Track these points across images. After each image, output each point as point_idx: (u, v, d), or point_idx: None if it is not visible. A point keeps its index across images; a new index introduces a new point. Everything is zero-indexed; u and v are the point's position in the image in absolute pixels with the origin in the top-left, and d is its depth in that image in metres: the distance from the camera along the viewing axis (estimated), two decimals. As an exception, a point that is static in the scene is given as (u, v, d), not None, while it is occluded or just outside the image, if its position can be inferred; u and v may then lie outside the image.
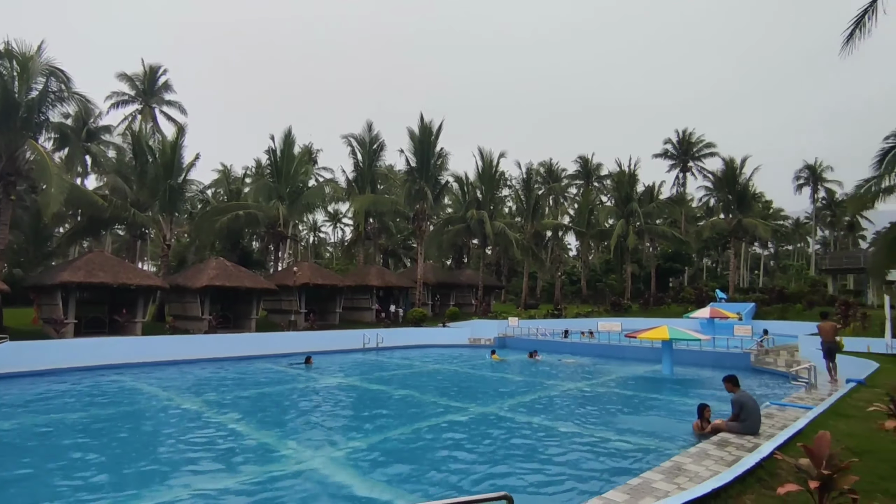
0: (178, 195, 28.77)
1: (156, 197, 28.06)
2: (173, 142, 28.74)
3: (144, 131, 32.23)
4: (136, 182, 28.57)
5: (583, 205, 52.82)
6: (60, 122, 24.95)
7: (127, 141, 29.12)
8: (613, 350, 24.67)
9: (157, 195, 27.96)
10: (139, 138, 28.53)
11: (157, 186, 27.79)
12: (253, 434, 10.15)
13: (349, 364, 21.37)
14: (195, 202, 36.61)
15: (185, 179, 29.39)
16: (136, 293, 23.76)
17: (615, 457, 8.78)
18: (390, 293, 38.52)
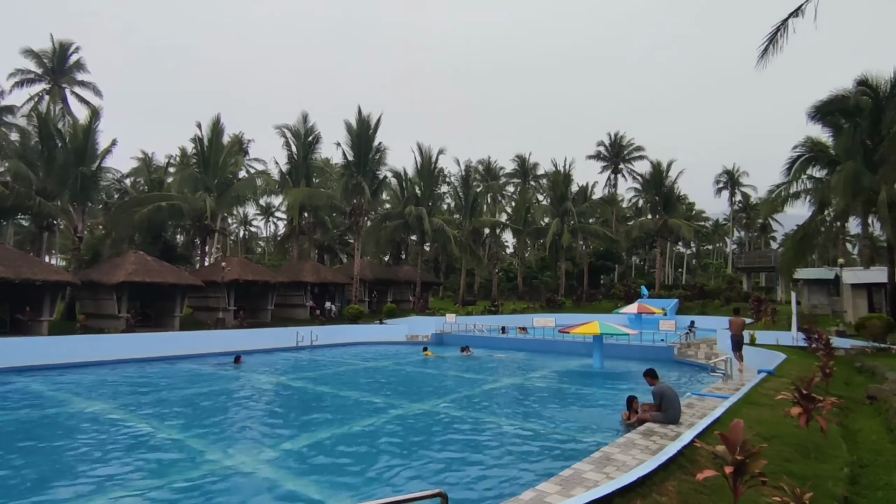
0: (91, 184, 26.52)
1: (65, 185, 25.73)
2: (86, 126, 26.49)
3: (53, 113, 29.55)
4: (43, 168, 26.10)
5: (520, 203, 53.94)
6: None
7: (32, 123, 26.53)
8: (548, 345, 25.27)
9: (66, 183, 25.64)
10: (46, 120, 26.03)
11: (66, 174, 25.49)
12: (177, 438, 9.50)
13: (282, 363, 20.61)
14: (111, 192, 33.98)
15: (100, 167, 27.16)
16: (41, 290, 21.73)
17: (548, 449, 8.92)
18: (326, 289, 37.60)
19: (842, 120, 26.88)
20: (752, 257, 50.43)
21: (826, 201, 27.08)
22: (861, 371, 14.79)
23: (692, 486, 5.63)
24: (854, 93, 25.71)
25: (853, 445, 8.14)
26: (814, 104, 26.73)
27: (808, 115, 27.01)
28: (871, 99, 24.93)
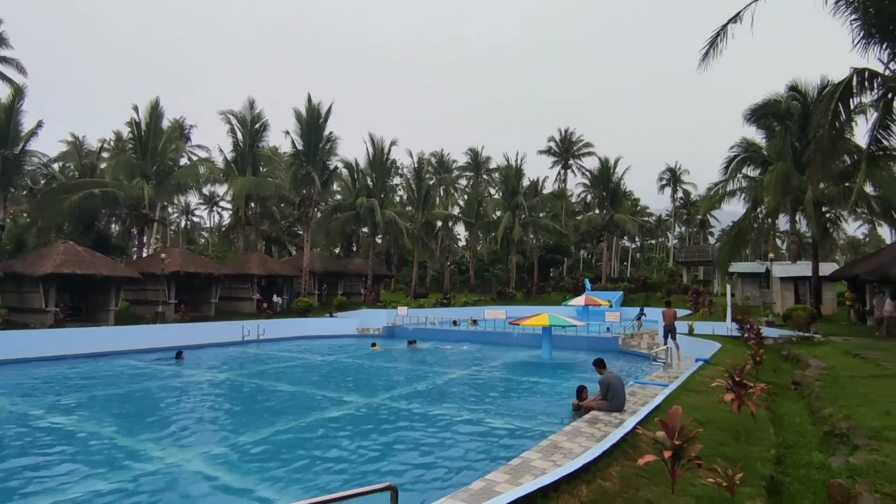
0: (13, 167, 24.62)
1: (-15, 169, 23.84)
2: (8, 105, 24.50)
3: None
4: (-41, 150, 24.05)
5: (472, 196, 54.31)
6: None
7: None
8: (498, 337, 25.61)
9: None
10: (-39, 98, 23.96)
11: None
12: (113, 437, 9.00)
13: (227, 358, 19.90)
14: (37, 177, 31.60)
15: (24, 150, 25.21)
16: (-44, 282, 20.05)
17: (498, 439, 9.04)
18: (273, 282, 36.57)
19: (774, 123, 28.54)
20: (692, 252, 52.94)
21: (759, 199, 28.73)
22: (787, 359, 15.81)
23: (634, 471, 5.83)
24: (785, 97, 27.34)
25: (779, 428, 8.68)
26: (749, 107, 28.25)
27: (744, 118, 28.52)
28: (800, 104, 26.58)
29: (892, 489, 5.13)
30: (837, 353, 14.64)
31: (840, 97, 15.76)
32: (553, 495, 4.98)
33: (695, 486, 5.54)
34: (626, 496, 5.22)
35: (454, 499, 5.40)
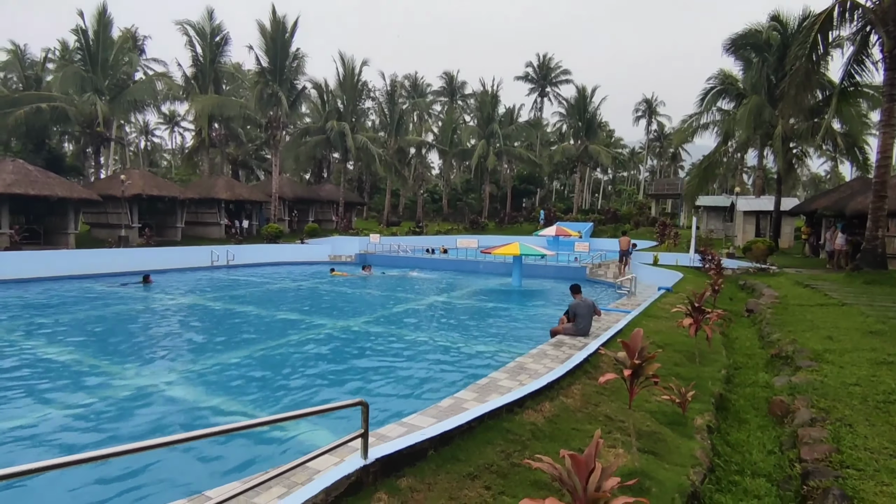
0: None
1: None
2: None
3: None
4: None
5: (446, 123, 53.02)
6: None
7: None
8: (470, 265, 26.01)
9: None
10: None
11: (-85, 63, 21.54)
12: (83, 359, 8.97)
13: (196, 283, 19.72)
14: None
15: (-41, 57, 23.09)
16: None
17: (467, 361, 9.38)
18: (242, 207, 35.74)
19: (752, 54, 28.21)
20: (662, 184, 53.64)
21: (730, 133, 28.94)
22: (743, 288, 16.62)
23: (595, 389, 6.18)
24: (766, 28, 26.88)
25: (731, 351, 9.25)
26: (730, 37, 27.76)
27: (724, 48, 28.06)
28: (780, 34, 26.21)
29: (827, 404, 5.59)
30: (790, 283, 15.44)
31: (820, 28, 15.59)
32: (518, 411, 5.26)
33: (650, 403, 5.93)
34: (586, 411, 5.57)
35: (424, 415, 5.66)
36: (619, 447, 4.67)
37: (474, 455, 4.32)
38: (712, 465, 4.77)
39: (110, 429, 6.25)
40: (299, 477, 4.15)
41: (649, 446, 4.76)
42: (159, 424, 6.35)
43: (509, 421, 4.98)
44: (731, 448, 5.28)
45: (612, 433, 5.00)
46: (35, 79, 30.07)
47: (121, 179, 26.20)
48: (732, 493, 4.36)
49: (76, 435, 6.09)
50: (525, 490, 3.84)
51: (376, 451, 3.99)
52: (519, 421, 5.01)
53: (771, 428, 5.73)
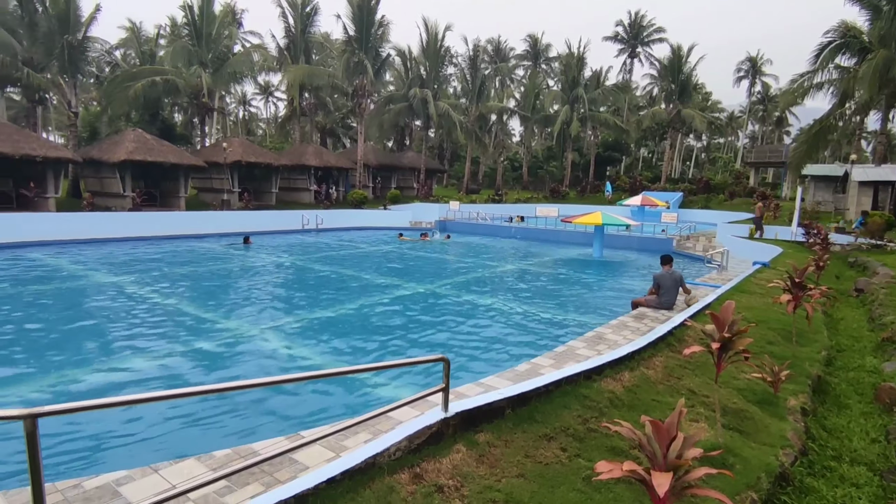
0: (78, 54, 25.13)
1: (52, 55, 24.45)
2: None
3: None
4: (27, 37, 24.61)
5: (529, 88, 51.56)
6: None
7: (5, -17, 24.54)
8: (549, 234, 25.66)
9: (53, 53, 24.34)
10: (20, -19, 24.02)
11: (52, 43, 24.09)
12: (187, 309, 10.03)
13: (288, 245, 21.09)
14: (102, 65, 32.24)
15: (86, 36, 25.52)
16: (43, 166, 21.61)
17: (543, 328, 9.43)
18: (329, 174, 37.31)
19: (882, 1, 24.75)
20: (763, 152, 49.24)
21: (849, 93, 25.85)
22: (853, 266, 15.16)
23: (678, 363, 6.04)
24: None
25: (834, 332, 8.59)
26: (856, -19, 24.47)
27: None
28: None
29: (945, 394, 5.12)
30: (911, 262, 13.87)
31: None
32: (596, 378, 5.29)
33: (738, 380, 5.71)
34: (668, 384, 5.48)
35: (501, 377, 5.83)
36: (702, 421, 4.59)
37: (551, 417, 4.44)
38: (805, 449, 4.57)
39: (213, 368, 7.06)
40: (383, 425, 4.46)
41: (735, 423, 4.64)
42: (259, 368, 7.05)
43: (587, 387, 5.03)
44: (828, 433, 5.01)
45: (695, 407, 4.92)
46: (150, 54, 32.75)
47: (223, 147, 28.21)
48: (827, 478, 4.17)
49: (186, 372, 6.91)
50: (601, 454, 3.90)
51: (456, 406, 4.20)
52: (597, 388, 5.05)
53: (877, 416, 5.36)
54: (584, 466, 3.71)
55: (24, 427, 2.25)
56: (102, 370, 6.75)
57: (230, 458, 3.91)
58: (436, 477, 3.53)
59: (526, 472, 3.66)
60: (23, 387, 6.18)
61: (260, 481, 3.56)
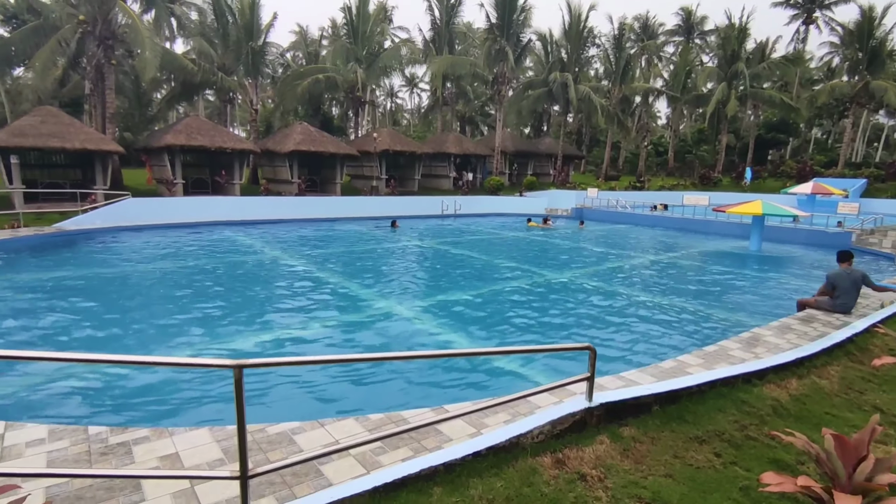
0: (259, 58, 28.90)
1: (239, 60, 28.43)
2: (250, 0, 28.18)
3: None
4: (220, 45, 28.86)
5: (679, 66, 47.65)
6: (144, -18, 25.06)
7: (207, 1, 28.91)
8: (697, 224, 23.88)
9: (240, 58, 28.30)
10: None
11: (239, 49, 28.02)
12: (345, 285, 11.27)
13: (428, 229, 22.30)
14: (275, 66, 36.64)
15: (265, 42, 29.22)
16: (231, 156, 25.31)
17: (690, 325, 8.98)
18: (468, 161, 38.37)
19: None
20: None
21: None
22: None
23: (860, 374, 5.48)
24: None
25: None
26: None
27: None
28: None
29: None
30: None
31: None
32: (757, 383, 5.03)
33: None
34: (846, 397, 5.00)
35: (644, 372, 5.69)
36: (890, 444, 4.14)
37: (703, 419, 4.30)
38: None
39: (363, 338, 7.92)
40: (521, 408, 4.62)
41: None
42: (402, 342, 7.77)
43: (746, 392, 4.83)
44: None
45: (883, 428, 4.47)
46: (314, 54, 36.50)
47: (374, 137, 30.48)
48: None
49: (337, 340, 7.85)
50: (761, 465, 3.69)
51: (600, 397, 4.24)
52: (757, 394, 4.82)
53: None
54: (741, 476, 3.56)
55: (233, 375, 2.63)
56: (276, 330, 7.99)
57: (382, 422, 4.34)
58: (578, 465, 3.61)
59: (674, 472, 3.58)
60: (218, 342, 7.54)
61: (409, 446, 3.92)
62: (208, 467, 3.62)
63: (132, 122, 35.06)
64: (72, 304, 9.20)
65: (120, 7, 22.37)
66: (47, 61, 22.00)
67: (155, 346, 7.38)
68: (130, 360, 2.90)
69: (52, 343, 7.37)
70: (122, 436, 4.04)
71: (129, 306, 9.38)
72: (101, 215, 18.12)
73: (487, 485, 3.33)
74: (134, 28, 22.01)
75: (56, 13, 22.31)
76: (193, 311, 9.06)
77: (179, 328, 8.18)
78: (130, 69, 28.43)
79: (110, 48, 23.07)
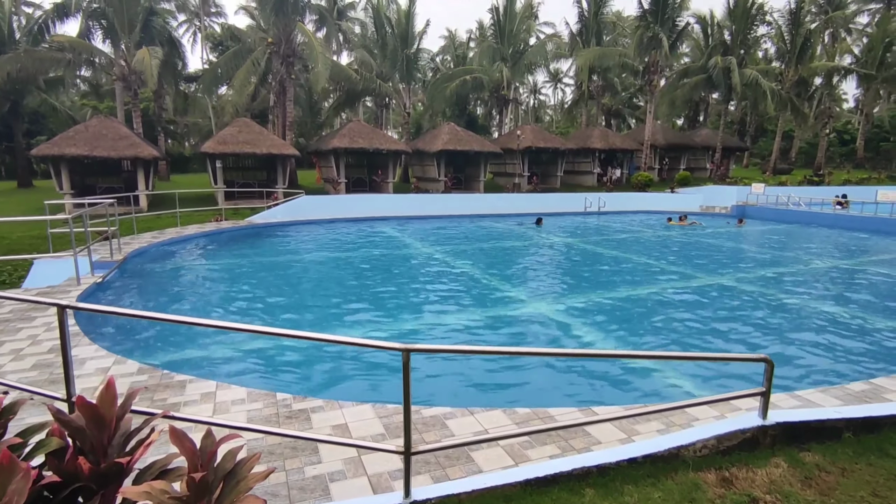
0: (413, 64, 30.87)
1: (395, 67, 30.65)
2: (406, 10, 30.19)
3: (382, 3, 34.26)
4: (379, 54, 31.37)
5: (876, 38, 40.52)
6: (318, 4, 28.25)
7: (368, 15, 31.63)
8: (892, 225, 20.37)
9: (396, 66, 30.49)
10: (379, 11, 30.64)
11: (395, 57, 30.21)
12: (491, 281, 11.70)
13: (572, 226, 21.96)
14: (426, 70, 38.73)
15: (418, 48, 31.12)
16: (386, 157, 27.44)
17: (885, 343, 7.86)
18: (613, 156, 36.89)
19: None
20: None
21: None
22: None
23: None
24: None
25: None
26: None
27: None
28: None
29: None
30: None
31: None
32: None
33: None
34: None
35: (826, 393, 5.22)
36: None
37: None
38: None
39: (507, 333, 8.21)
40: (676, 419, 4.44)
41: None
42: (545, 339, 7.94)
43: (972, 427, 4.18)
44: None
45: None
46: (462, 56, 37.94)
47: (517, 134, 30.82)
48: None
49: (482, 333, 8.21)
50: None
51: (776, 415, 3.95)
52: None
53: None
54: None
55: (402, 358, 2.79)
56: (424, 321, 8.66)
57: (529, 417, 4.44)
58: (748, 487, 3.39)
59: None
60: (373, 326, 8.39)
61: (556, 444, 3.98)
62: (372, 440, 4.03)
63: (305, 129, 39.66)
64: (261, 285, 10.98)
65: (299, 28, 25.47)
66: (243, 79, 25.94)
67: (328, 324, 8.50)
68: (310, 337, 3.11)
69: (248, 314, 8.93)
70: (303, 403, 4.71)
71: (307, 288, 10.95)
72: (281, 211, 20.88)
73: (643, 494, 3.26)
74: (310, 45, 24.95)
75: (251, 38, 26.15)
76: (358, 296, 10.25)
77: (347, 309, 9.36)
78: (305, 82, 32.17)
79: (291, 64, 26.41)
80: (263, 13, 26.07)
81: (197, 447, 2.07)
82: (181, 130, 45.87)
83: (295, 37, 26.04)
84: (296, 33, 25.85)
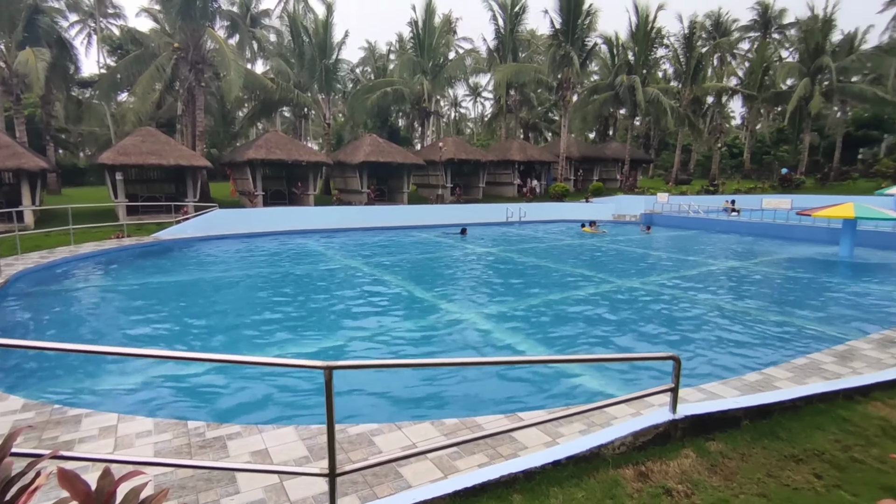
0: (332, 74, 30.38)
1: (314, 77, 30.00)
2: (324, 20, 29.72)
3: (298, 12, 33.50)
4: (296, 64, 30.59)
5: (756, 62, 45.25)
6: (230, 10, 27.06)
7: (285, 24, 30.82)
8: (777, 229, 22.60)
9: (314, 76, 29.86)
10: (295, 19, 29.97)
11: (313, 67, 29.59)
12: (414, 291, 11.63)
13: (494, 236, 22.44)
14: (346, 81, 38.30)
15: (337, 59, 30.70)
16: (306, 169, 26.67)
17: (773, 336, 8.50)
18: (532, 167, 38.25)
19: None
20: None
21: None
22: None
23: None
24: None
25: None
26: None
27: None
28: None
29: None
30: None
31: None
32: (861, 400, 4.79)
33: None
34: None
35: (726, 384, 5.54)
36: None
37: (799, 437, 4.15)
38: None
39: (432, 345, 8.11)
40: (597, 418, 4.60)
41: None
42: (471, 348, 7.93)
43: (848, 409, 4.61)
44: None
45: None
46: (382, 68, 37.90)
47: (439, 146, 31.14)
48: None
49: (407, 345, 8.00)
50: (871, 491, 3.45)
51: (684, 409, 4.16)
52: (862, 412, 4.59)
53: None
54: (847, 500, 3.36)
55: (323, 376, 2.73)
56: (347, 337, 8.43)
57: (457, 427, 4.45)
58: (663, 479, 3.52)
59: (769, 492, 3.42)
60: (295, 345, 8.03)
61: (484, 452, 4.02)
62: (295, 464, 3.85)
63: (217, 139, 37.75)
64: (170, 307, 10.17)
65: (209, 34, 24.26)
66: (147, 86, 24.26)
67: (244, 346, 8.00)
68: (225, 360, 3.04)
69: (155, 341, 8.20)
70: (218, 431, 4.41)
71: (221, 309, 10.23)
72: (192, 226, 19.65)
73: (568, 494, 3.32)
74: (221, 52, 23.82)
75: (155, 42, 24.56)
76: (276, 314, 9.74)
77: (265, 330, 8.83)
78: (217, 90, 30.70)
79: (200, 71, 25.06)
80: (169, 17, 24.59)
81: (92, 489, 1.88)
82: (75, 140, 42.08)
83: (204, 43, 24.76)
84: (205, 39, 24.60)
